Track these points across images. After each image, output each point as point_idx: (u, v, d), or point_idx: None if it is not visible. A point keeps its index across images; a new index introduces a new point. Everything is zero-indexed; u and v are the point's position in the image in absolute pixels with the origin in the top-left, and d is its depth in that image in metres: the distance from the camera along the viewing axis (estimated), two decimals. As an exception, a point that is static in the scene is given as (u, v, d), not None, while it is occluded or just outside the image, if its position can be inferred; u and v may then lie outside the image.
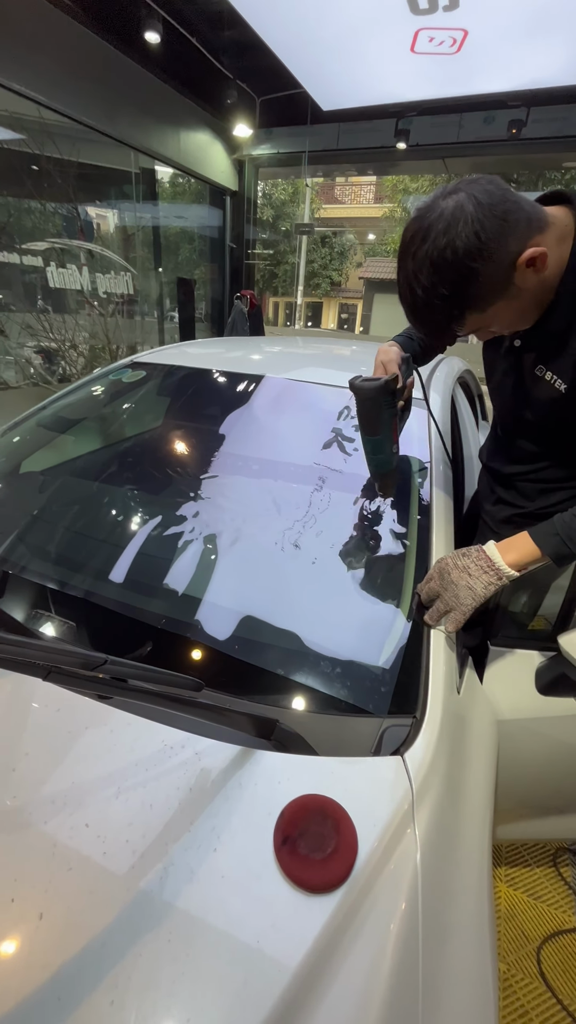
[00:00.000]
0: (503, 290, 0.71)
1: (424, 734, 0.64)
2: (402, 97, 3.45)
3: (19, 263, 3.44)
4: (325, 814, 0.54)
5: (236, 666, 0.74)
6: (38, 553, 0.96)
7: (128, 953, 0.44)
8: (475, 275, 0.68)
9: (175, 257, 6.15)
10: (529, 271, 0.70)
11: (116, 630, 0.81)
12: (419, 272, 0.70)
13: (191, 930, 0.46)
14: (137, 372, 1.47)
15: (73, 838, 0.52)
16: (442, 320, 0.74)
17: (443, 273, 0.68)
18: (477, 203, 0.67)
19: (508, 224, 0.67)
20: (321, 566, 0.89)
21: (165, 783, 0.57)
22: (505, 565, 0.75)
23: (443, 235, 0.67)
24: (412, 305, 0.74)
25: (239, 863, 0.51)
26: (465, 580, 0.76)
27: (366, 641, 0.78)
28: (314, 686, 0.72)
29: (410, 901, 0.50)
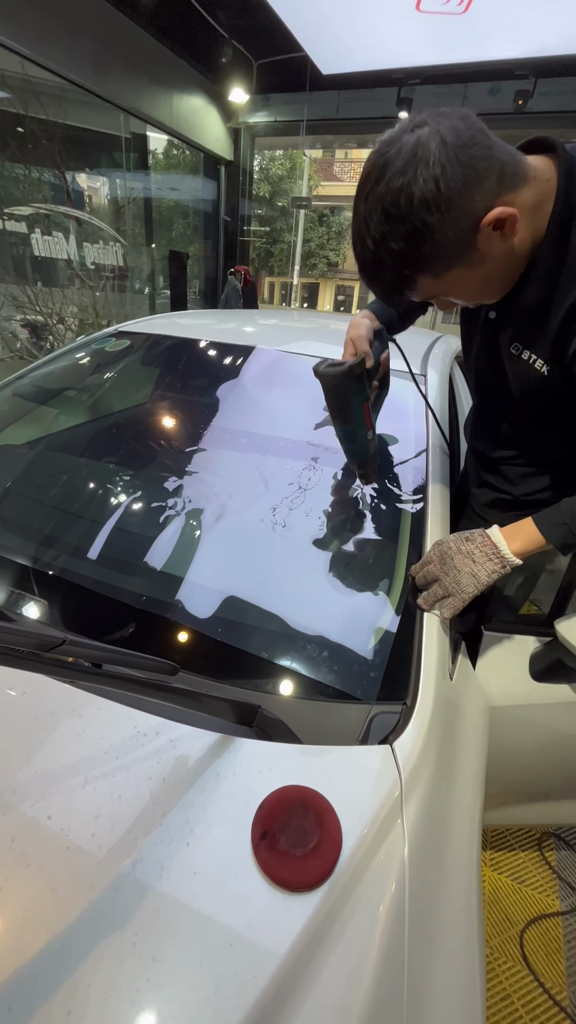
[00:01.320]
0: (462, 253, 0.61)
1: (415, 722, 0.60)
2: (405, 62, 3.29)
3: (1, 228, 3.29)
4: (307, 807, 0.50)
5: (217, 648, 0.70)
6: (11, 528, 0.90)
7: (89, 957, 0.41)
8: (429, 231, 0.58)
9: (167, 231, 5.95)
10: (495, 235, 0.60)
11: (91, 609, 0.76)
12: (369, 218, 0.60)
13: (159, 931, 0.42)
14: (122, 341, 1.40)
15: (34, 831, 0.48)
16: (391, 280, 0.65)
17: (394, 223, 0.58)
18: (442, 142, 0.55)
19: (475, 174, 0.56)
20: (310, 546, 0.84)
21: (136, 772, 0.53)
22: (510, 553, 0.71)
23: (399, 176, 0.56)
24: (361, 258, 0.64)
25: (214, 859, 0.47)
26: (469, 567, 0.72)
27: (355, 625, 0.74)
28: (299, 670, 0.68)
29: (396, 900, 0.47)
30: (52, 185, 3.70)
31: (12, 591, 0.77)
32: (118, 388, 1.30)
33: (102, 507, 0.94)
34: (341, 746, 0.58)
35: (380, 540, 0.86)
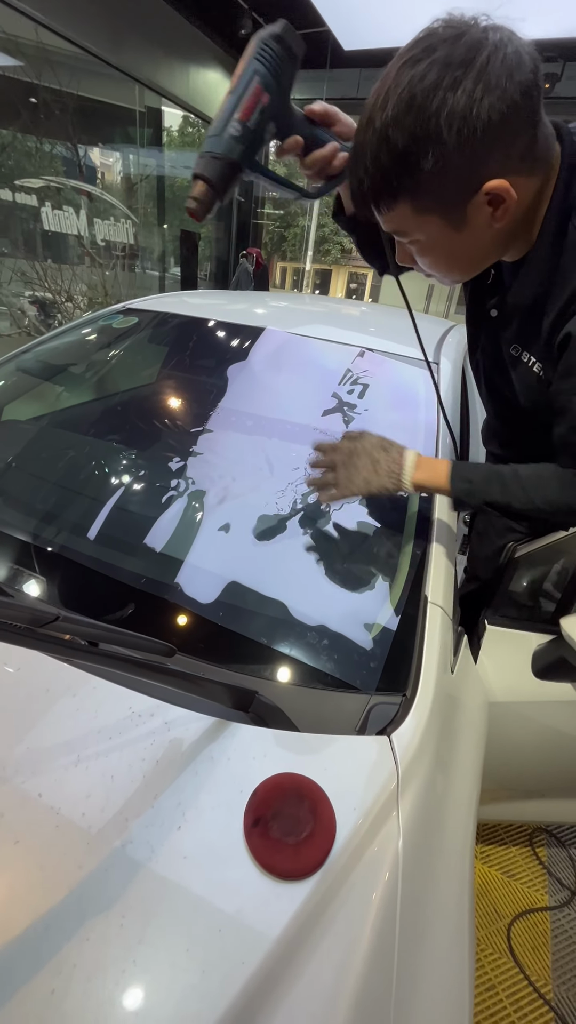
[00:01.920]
0: (449, 204, 0.55)
1: (414, 714, 0.59)
2: None
3: (11, 201, 3.24)
4: (301, 795, 0.50)
5: (215, 632, 0.68)
6: (12, 503, 0.89)
7: (75, 936, 0.40)
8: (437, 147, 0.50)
9: (180, 210, 5.85)
10: (486, 209, 0.55)
11: (89, 588, 0.75)
12: (390, 94, 0.50)
13: (146, 914, 0.42)
14: (129, 318, 1.37)
15: (24, 808, 0.47)
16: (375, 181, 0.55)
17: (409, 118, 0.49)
18: (502, 62, 0.48)
19: (508, 125, 0.50)
20: (314, 533, 0.83)
21: (129, 753, 0.52)
22: (409, 481, 0.72)
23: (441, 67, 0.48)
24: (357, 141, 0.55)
25: (204, 844, 0.46)
26: (368, 472, 0.73)
27: (356, 614, 0.73)
28: (298, 658, 0.67)
29: (388, 892, 0.46)
30: (64, 159, 3.64)
31: (9, 566, 0.76)
32: (124, 366, 1.27)
33: (104, 486, 0.93)
34: (338, 735, 0.57)
35: (384, 529, 0.84)
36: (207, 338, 1.32)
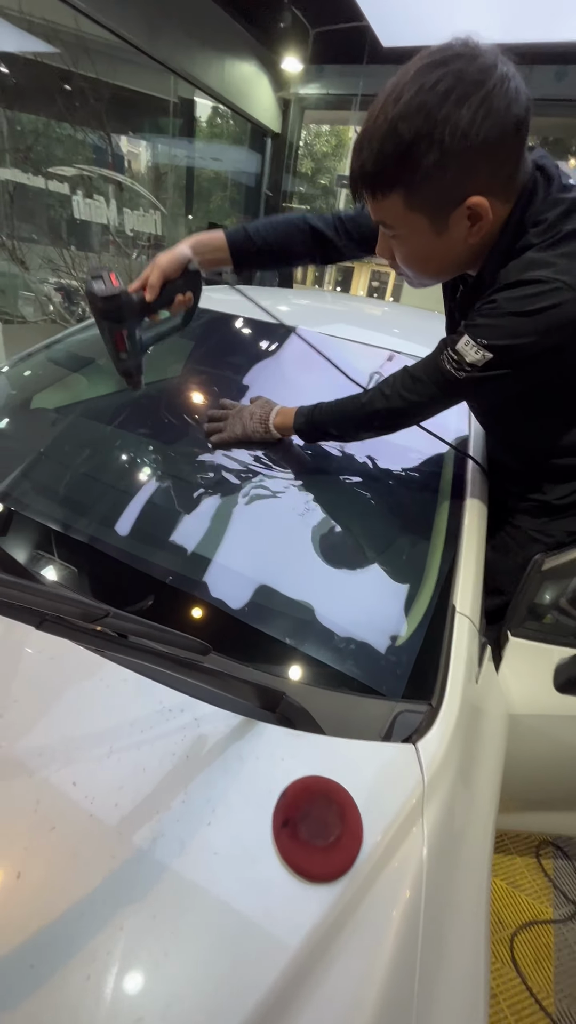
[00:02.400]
0: (436, 206, 0.61)
1: (440, 723, 0.59)
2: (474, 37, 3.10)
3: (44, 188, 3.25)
4: (330, 799, 0.50)
5: (244, 631, 0.69)
6: (46, 493, 0.90)
7: (109, 925, 0.41)
8: (437, 148, 0.55)
9: (206, 202, 5.84)
10: (465, 222, 0.62)
11: (120, 581, 0.76)
12: (406, 90, 0.55)
13: (178, 907, 0.43)
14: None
15: (59, 795, 0.48)
16: (376, 167, 0.60)
17: (418, 116, 0.54)
18: (506, 93, 0.54)
19: (500, 150, 0.57)
20: (343, 537, 0.83)
21: (160, 747, 0.53)
22: (272, 423, 0.92)
23: (455, 78, 0.53)
24: (368, 127, 0.59)
25: (234, 841, 0.47)
26: (246, 420, 0.94)
27: (384, 620, 0.73)
28: (325, 661, 0.67)
29: (412, 899, 0.47)
30: (96, 147, 3.65)
31: (39, 553, 0.77)
32: (155, 360, 1.28)
33: (133, 479, 0.94)
34: (364, 741, 0.57)
35: (413, 536, 0.84)
36: (237, 335, 1.32)
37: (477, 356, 0.68)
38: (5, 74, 3.31)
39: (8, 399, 1.17)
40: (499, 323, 0.66)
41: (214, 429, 0.96)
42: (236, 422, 0.94)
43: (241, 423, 0.94)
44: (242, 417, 0.95)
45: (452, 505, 0.87)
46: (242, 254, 0.86)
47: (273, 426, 0.92)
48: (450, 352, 0.71)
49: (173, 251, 0.82)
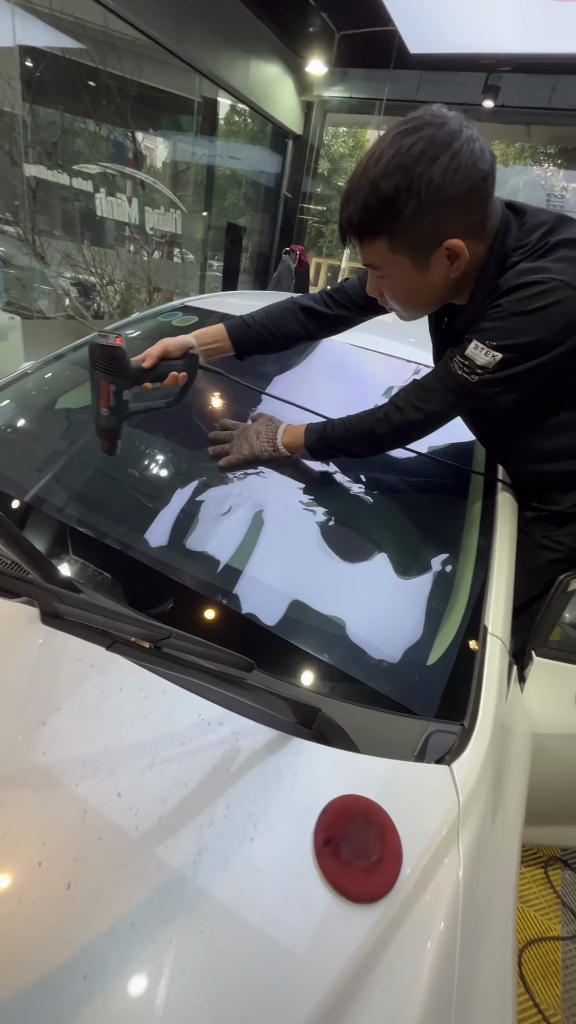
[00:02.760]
0: (417, 249, 0.69)
1: (474, 745, 0.60)
2: (498, 47, 3.10)
3: (68, 185, 3.27)
4: (369, 819, 0.51)
5: (280, 646, 0.70)
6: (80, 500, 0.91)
7: (158, 938, 0.42)
8: (414, 201, 0.64)
9: (224, 201, 5.85)
10: (444, 261, 0.70)
11: (155, 589, 0.76)
12: (384, 153, 0.64)
13: (224, 923, 0.43)
14: (189, 317, 1.39)
15: (104, 806, 0.49)
16: (362, 219, 0.69)
17: (397, 175, 0.64)
18: (471, 152, 0.64)
19: (470, 200, 0.66)
20: (373, 553, 0.83)
21: (201, 760, 0.54)
22: (280, 442, 0.92)
23: (427, 142, 0.63)
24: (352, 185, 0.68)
25: (276, 858, 0.48)
26: (252, 440, 0.93)
27: (415, 638, 0.73)
28: (358, 677, 0.68)
29: (449, 921, 0.47)
30: (120, 145, 3.65)
31: (70, 557, 0.78)
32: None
33: (171, 491, 0.93)
34: (400, 760, 0.58)
35: (444, 555, 0.85)
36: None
37: (487, 358, 0.73)
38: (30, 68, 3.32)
39: (39, 400, 1.18)
40: (505, 324, 0.71)
41: (220, 452, 0.95)
42: (242, 443, 0.94)
43: (248, 443, 0.93)
44: (247, 437, 0.94)
45: (482, 524, 0.87)
46: (241, 341, 0.94)
47: (282, 444, 0.92)
48: (460, 359, 0.75)
49: (178, 338, 0.87)
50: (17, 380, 1.22)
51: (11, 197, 3.13)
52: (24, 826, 0.47)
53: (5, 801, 0.48)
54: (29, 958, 0.40)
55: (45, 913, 0.42)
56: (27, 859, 0.45)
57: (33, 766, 0.51)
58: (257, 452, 0.92)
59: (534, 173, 9.18)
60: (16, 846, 0.45)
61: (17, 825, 0.46)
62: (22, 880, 0.43)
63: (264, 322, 0.94)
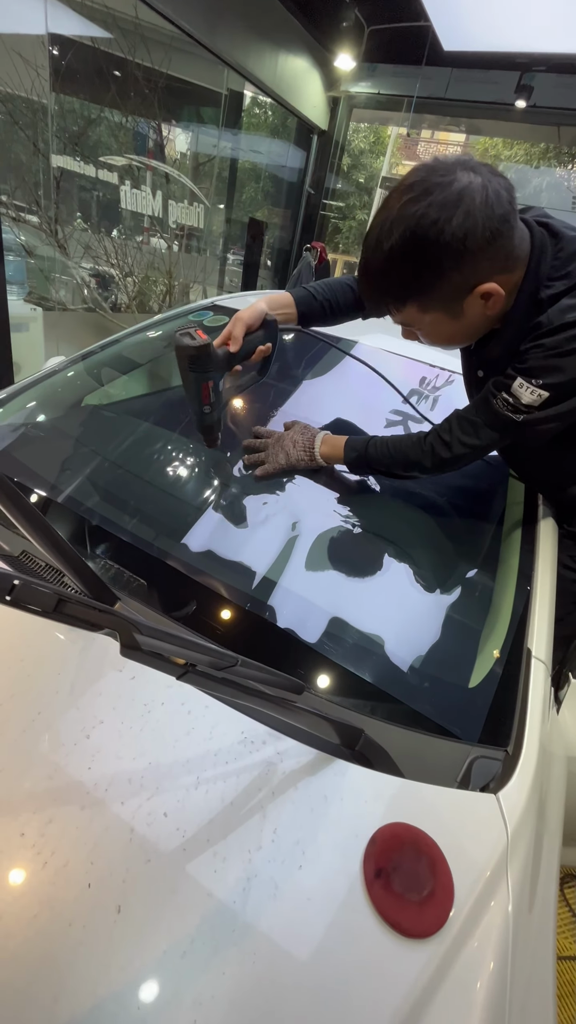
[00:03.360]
0: (450, 303, 0.69)
1: (520, 773, 0.58)
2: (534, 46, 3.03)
3: (93, 177, 3.25)
4: (419, 850, 0.50)
5: (318, 663, 0.68)
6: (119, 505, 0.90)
7: (211, 968, 0.41)
8: (439, 271, 0.65)
9: (246, 195, 5.81)
10: (480, 302, 0.69)
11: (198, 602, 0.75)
12: (395, 227, 0.64)
13: (276, 955, 0.42)
14: (220, 317, 1.37)
15: (152, 826, 0.48)
16: (384, 291, 0.71)
17: (414, 247, 0.63)
18: (485, 201, 0.61)
19: (494, 246, 0.64)
20: (413, 572, 0.82)
21: (246, 781, 0.53)
22: (318, 452, 0.91)
23: (438, 208, 0.61)
24: (371, 258, 0.68)
25: (326, 887, 0.47)
26: (288, 449, 0.92)
27: (457, 659, 0.72)
28: (399, 697, 0.66)
29: (500, 959, 0.46)
30: (142, 136, 3.63)
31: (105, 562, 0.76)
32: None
33: (200, 496, 0.93)
34: (446, 787, 0.56)
35: (486, 575, 0.83)
36: (304, 348, 1.31)
37: (533, 397, 0.72)
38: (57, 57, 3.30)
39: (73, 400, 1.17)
40: (551, 363, 0.71)
41: (255, 461, 0.93)
42: (278, 451, 0.92)
43: (284, 452, 0.91)
44: (283, 446, 0.92)
45: (523, 542, 0.85)
46: (306, 310, 0.92)
47: (319, 455, 0.90)
48: (504, 396, 0.75)
49: (252, 307, 0.85)
50: (48, 377, 1.21)
51: (34, 186, 3.12)
52: (72, 844, 0.46)
53: (53, 817, 0.47)
54: (81, 985, 0.39)
55: (96, 938, 0.41)
56: (76, 880, 0.44)
57: (79, 781, 0.50)
58: (293, 461, 0.91)
59: (557, 174, 9.05)
60: (65, 865, 0.45)
61: (65, 843, 0.46)
62: (72, 902, 0.43)
63: (326, 294, 0.92)
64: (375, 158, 14.96)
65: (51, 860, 0.45)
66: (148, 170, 3.61)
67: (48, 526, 0.53)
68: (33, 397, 1.15)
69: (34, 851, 0.45)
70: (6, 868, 0.44)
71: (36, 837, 0.46)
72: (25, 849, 0.45)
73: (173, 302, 4.04)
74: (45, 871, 0.44)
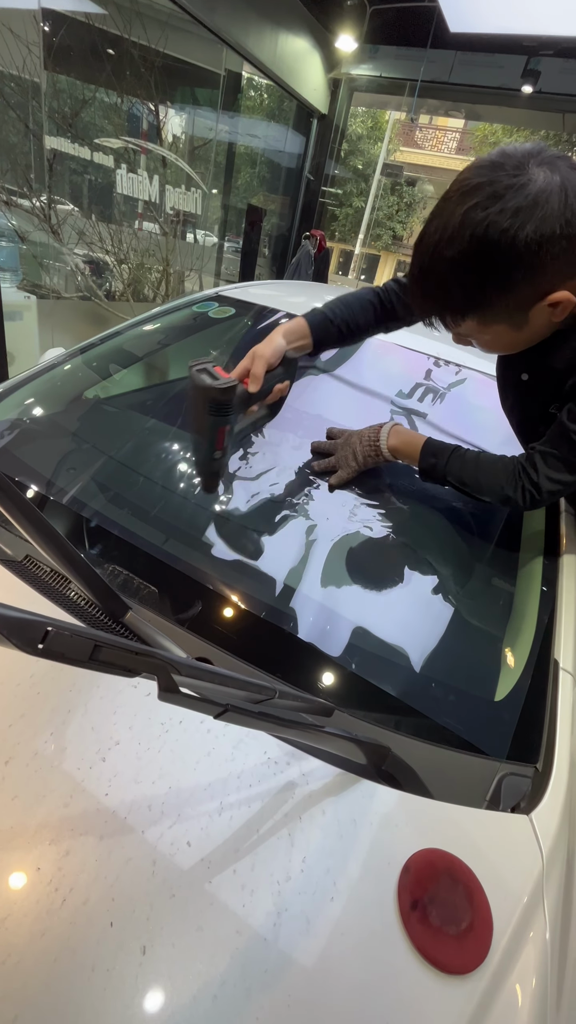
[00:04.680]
0: (515, 314, 0.62)
1: (552, 793, 0.56)
2: (543, 29, 2.94)
3: (88, 159, 3.15)
4: (455, 878, 0.47)
5: (346, 679, 0.66)
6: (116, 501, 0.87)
7: (245, 1013, 0.39)
8: (508, 283, 0.58)
9: (244, 180, 5.69)
10: (547, 310, 0.61)
11: (212, 612, 0.72)
12: (459, 232, 0.56)
13: (311, 995, 0.40)
14: (225, 308, 1.33)
15: (175, 856, 0.46)
16: (443, 304, 0.63)
17: (480, 255, 0.56)
18: (563, 203, 0.53)
19: (569, 253, 0.56)
20: (433, 577, 0.79)
21: (272, 806, 0.50)
22: (386, 446, 0.83)
23: (510, 215, 0.53)
24: (427, 265, 0.60)
25: (360, 921, 0.44)
26: (355, 446, 0.84)
27: (481, 672, 0.70)
28: (424, 712, 0.64)
29: (540, 989, 0.44)
30: (135, 118, 3.52)
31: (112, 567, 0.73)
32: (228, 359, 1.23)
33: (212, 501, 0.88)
34: (476, 808, 0.54)
35: (509, 586, 0.80)
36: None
37: None
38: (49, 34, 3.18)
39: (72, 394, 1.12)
40: None
41: (327, 467, 0.87)
42: (348, 453, 0.85)
43: (352, 452, 0.84)
44: (352, 444, 0.85)
45: (547, 553, 0.83)
46: (322, 337, 0.85)
47: (386, 448, 0.82)
48: None
49: (271, 341, 0.78)
50: (48, 371, 1.16)
51: (25, 168, 3.02)
52: (92, 879, 0.43)
53: (71, 849, 0.45)
54: (107, 1033, 0.37)
55: (121, 981, 0.39)
56: (98, 919, 0.41)
57: (96, 808, 0.48)
58: (361, 458, 0.84)
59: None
60: (85, 903, 0.42)
61: (85, 878, 0.43)
62: (95, 944, 0.40)
63: (344, 315, 0.85)
64: (373, 143, 14.73)
65: (70, 897, 0.42)
66: (144, 153, 3.51)
67: (52, 529, 0.50)
68: (33, 392, 1.10)
69: (51, 887, 0.42)
70: (24, 907, 0.41)
71: (53, 871, 0.43)
72: (42, 885, 0.42)
73: (170, 290, 3.96)
74: (64, 909, 0.41)
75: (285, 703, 0.42)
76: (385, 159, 12.47)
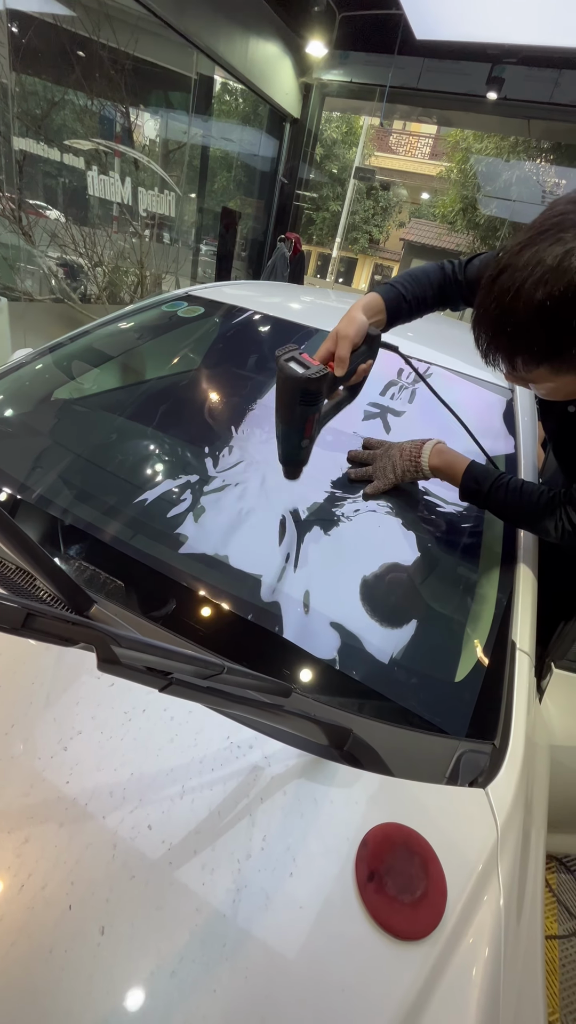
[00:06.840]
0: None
1: (508, 767, 0.58)
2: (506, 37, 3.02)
3: (58, 161, 3.13)
4: (411, 850, 0.49)
5: (303, 662, 0.67)
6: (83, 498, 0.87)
7: (201, 987, 0.39)
8: None
9: (218, 183, 5.70)
10: None
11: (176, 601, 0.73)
12: (549, 278, 0.52)
13: (269, 968, 0.41)
14: (194, 307, 1.33)
15: (135, 840, 0.46)
16: (519, 349, 0.58)
17: (572, 306, 0.52)
18: None
19: None
20: (397, 567, 0.81)
21: (233, 787, 0.51)
22: (426, 463, 0.83)
23: None
24: (503, 309, 0.56)
25: (318, 894, 0.46)
26: (395, 459, 0.85)
27: (441, 654, 0.72)
28: (386, 694, 0.66)
29: (493, 953, 0.46)
30: (108, 120, 3.51)
31: (84, 564, 0.74)
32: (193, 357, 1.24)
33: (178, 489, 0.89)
34: (434, 784, 0.56)
35: (468, 569, 0.83)
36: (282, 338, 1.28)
37: None
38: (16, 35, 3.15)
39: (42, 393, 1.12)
40: None
41: (363, 476, 0.88)
42: (386, 464, 0.85)
43: (391, 464, 0.85)
44: (391, 456, 0.85)
45: (506, 539, 0.85)
46: (396, 312, 0.82)
47: (429, 466, 0.83)
48: None
49: (352, 320, 0.75)
50: (15, 370, 1.15)
51: (-5, 170, 2.98)
52: (51, 865, 0.44)
53: (29, 836, 0.45)
54: (66, 1014, 0.37)
55: (79, 962, 0.39)
56: (57, 902, 0.42)
57: (57, 796, 0.48)
58: (399, 471, 0.84)
59: (526, 168, 9.18)
60: (43, 888, 0.42)
61: (44, 864, 0.43)
62: (52, 926, 0.40)
63: (415, 291, 0.82)
64: (348, 148, 14.89)
65: (28, 883, 0.42)
66: (116, 156, 3.49)
67: (15, 526, 0.50)
68: (0, 391, 1.09)
69: (10, 874, 0.43)
70: (-21, 894, 0.41)
71: (12, 859, 0.43)
72: (0, 872, 0.42)
73: (145, 293, 3.94)
74: (22, 895, 0.42)
75: (238, 680, 0.43)
76: (360, 163, 12.60)
